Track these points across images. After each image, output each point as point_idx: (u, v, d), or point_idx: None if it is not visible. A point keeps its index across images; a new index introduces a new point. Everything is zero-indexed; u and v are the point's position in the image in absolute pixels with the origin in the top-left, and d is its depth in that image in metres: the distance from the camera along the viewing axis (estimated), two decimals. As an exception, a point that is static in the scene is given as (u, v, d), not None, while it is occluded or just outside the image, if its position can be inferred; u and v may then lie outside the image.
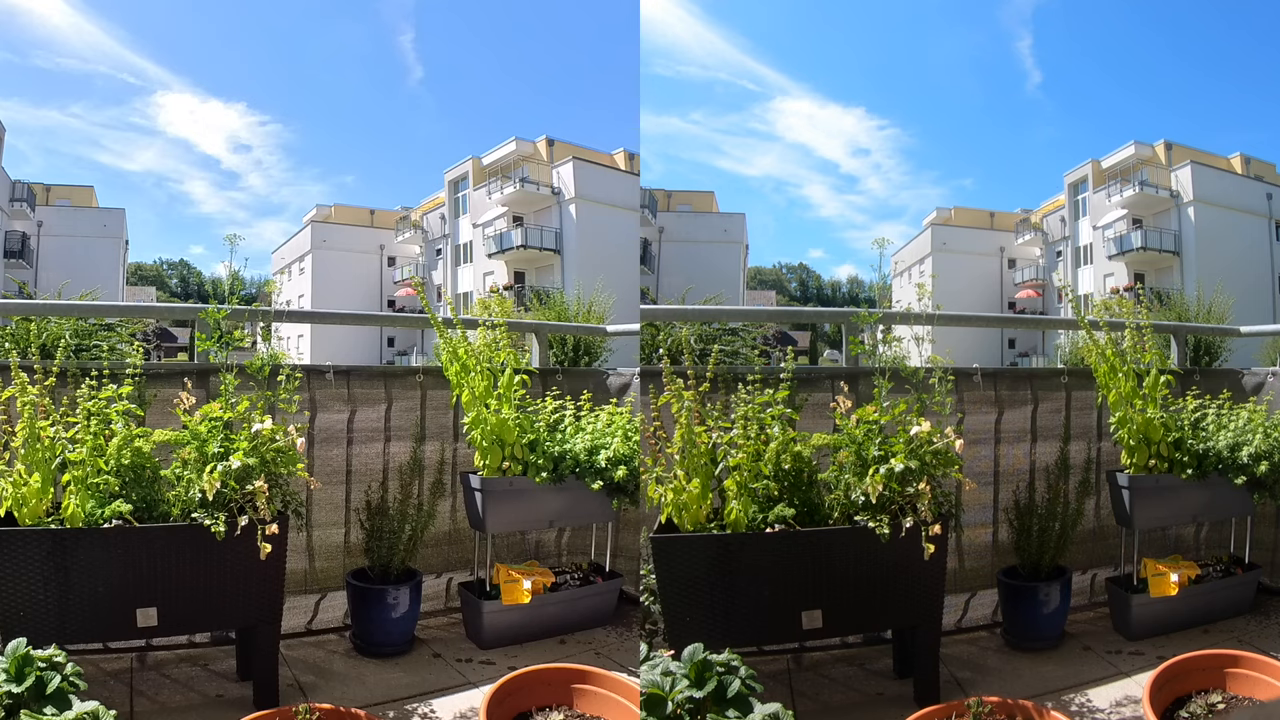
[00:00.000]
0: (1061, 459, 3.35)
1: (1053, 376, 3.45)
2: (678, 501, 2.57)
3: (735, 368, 3.01)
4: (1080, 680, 2.78)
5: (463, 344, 3.16)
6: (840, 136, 64.48)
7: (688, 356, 4.15)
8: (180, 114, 58.96)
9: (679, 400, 2.66)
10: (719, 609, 2.45)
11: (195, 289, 43.10)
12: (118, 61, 59.16)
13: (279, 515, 2.48)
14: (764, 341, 10.23)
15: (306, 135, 60.79)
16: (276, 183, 61.67)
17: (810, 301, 49.30)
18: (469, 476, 3.18)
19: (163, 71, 60.05)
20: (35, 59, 47.74)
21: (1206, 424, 3.19)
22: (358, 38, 24.87)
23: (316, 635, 3.14)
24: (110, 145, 57.62)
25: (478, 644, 3.10)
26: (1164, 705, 2.32)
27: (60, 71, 50.63)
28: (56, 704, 1.86)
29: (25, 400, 2.43)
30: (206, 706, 2.56)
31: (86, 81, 52.80)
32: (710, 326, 8.75)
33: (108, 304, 9.24)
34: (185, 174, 60.26)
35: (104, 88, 52.82)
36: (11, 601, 2.25)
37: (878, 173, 66.97)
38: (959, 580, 3.24)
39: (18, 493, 2.36)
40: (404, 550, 3.15)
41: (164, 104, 53.70)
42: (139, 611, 2.37)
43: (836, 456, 2.65)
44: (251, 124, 61.94)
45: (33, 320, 7.10)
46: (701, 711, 1.90)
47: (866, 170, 66.28)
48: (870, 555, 2.48)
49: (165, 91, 59.57)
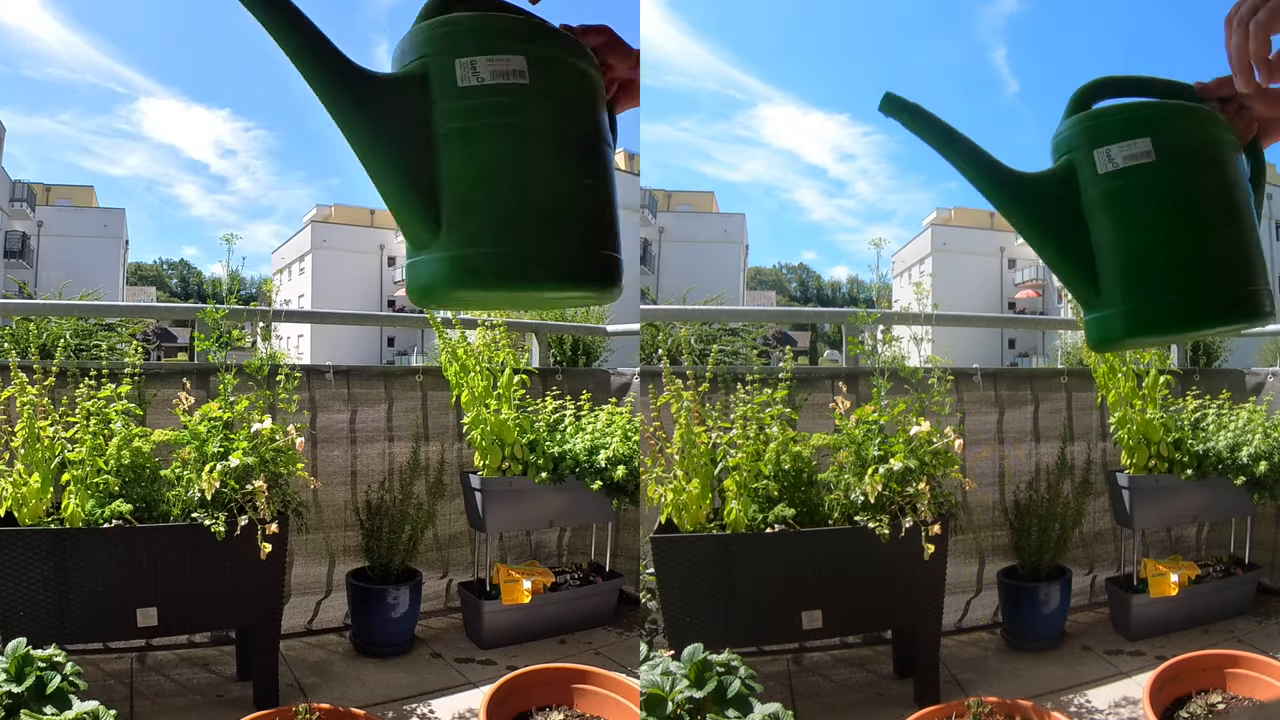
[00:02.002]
0: (1061, 459, 3.35)
1: (1053, 377, 3.45)
2: (677, 502, 2.57)
3: (735, 368, 3.01)
4: (1080, 680, 2.78)
5: (462, 344, 3.16)
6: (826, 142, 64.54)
7: (687, 356, 4.15)
8: (165, 120, 59.01)
9: (678, 400, 2.66)
10: (719, 609, 2.45)
11: (195, 289, 43.13)
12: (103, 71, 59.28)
13: (279, 515, 2.48)
14: (764, 341, 10.24)
15: (291, 140, 60.83)
16: (264, 186, 61.75)
17: (810, 302, 49.33)
18: (469, 476, 3.19)
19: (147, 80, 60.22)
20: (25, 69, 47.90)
21: (1206, 424, 3.19)
22: (341, 44, 24.77)
23: (316, 635, 3.14)
24: (100, 151, 57.73)
25: (478, 644, 3.10)
26: (1164, 705, 2.32)
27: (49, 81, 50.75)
28: (56, 704, 1.86)
29: (25, 400, 2.44)
30: (206, 706, 2.56)
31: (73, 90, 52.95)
32: (710, 326, 8.76)
33: (108, 304, 9.24)
34: (175, 178, 60.40)
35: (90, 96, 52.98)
36: (11, 601, 2.25)
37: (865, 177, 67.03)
38: (959, 580, 3.24)
39: (17, 493, 2.36)
40: (404, 550, 3.15)
41: (148, 110, 53.85)
42: (139, 611, 2.37)
43: (836, 456, 2.65)
44: (236, 129, 61.99)
45: (32, 320, 7.11)
46: (701, 711, 1.90)
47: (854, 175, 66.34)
48: (870, 555, 2.48)
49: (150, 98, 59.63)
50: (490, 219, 0.82)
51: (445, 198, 0.83)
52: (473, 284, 0.84)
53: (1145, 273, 0.92)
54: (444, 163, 0.83)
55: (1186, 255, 0.91)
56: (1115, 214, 0.93)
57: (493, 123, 0.83)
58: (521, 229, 0.83)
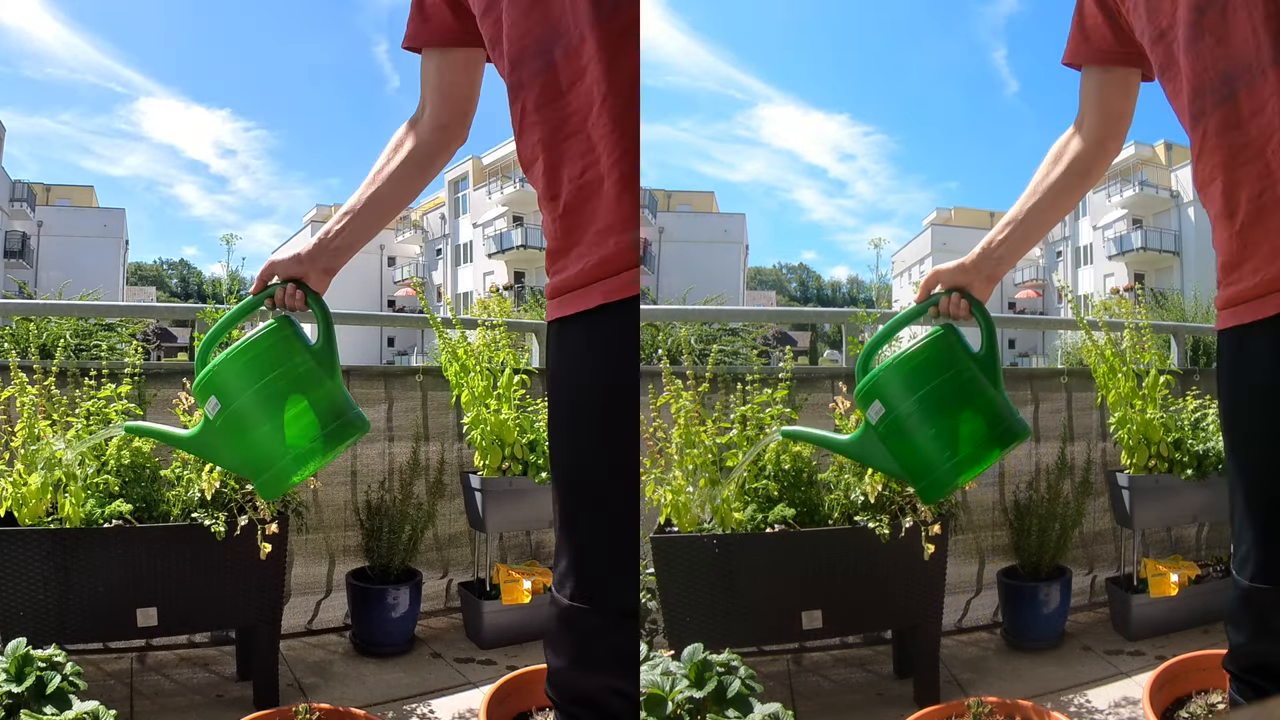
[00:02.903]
0: (1061, 459, 3.35)
1: (1052, 377, 3.45)
2: (676, 502, 2.57)
3: (735, 368, 3.01)
4: (1080, 680, 2.78)
5: (461, 344, 3.16)
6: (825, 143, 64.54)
7: (687, 356, 4.15)
8: (165, 120, 58.99)
9: (678, 400, 2.66)
10: (719, 609, 2.46)
11: (195, 289, 43.15)
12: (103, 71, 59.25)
13: (279, 515, 2.48)
14: (764, 342, 10.24)
15: (291, 140, 60.81)
16: (264, 186, 61.76)
17: (810, 301, 49.31)
18: (469, 476, 3.19)
19: (147, 80, 60.19)
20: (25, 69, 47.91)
21: (1206, 424, 3.19)
22: (334, 49, 24.51)
23: (316, 635, 3.14)
24: (100, 151, 57.78)
25: (478, 644, 3.10)
26: (1164, 705, 2.32)
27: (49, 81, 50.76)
28: (56, 704, 1.86)
29: (25, 400, 2.44)
30: (206, 706, 2.56)
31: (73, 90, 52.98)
32: (710, 326, 8.77)
33: (108, 304, 9.24)
34: (175, 178, 60.41)
35: (90, 96, 52.98)
36: (11, 601, 2.25)
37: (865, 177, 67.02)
38: (959, 580, 3.24)
39: (17, 493, 2.36)
40: (404, 550, 3.15)
41: (148, 110, 53.84)
42: (139, 611, 2.37)
43: (836, 457, 2.65)
44: (236, 130, 61.99)
45: (32, 320, 7.10)
46: (701, 712, 1.90)
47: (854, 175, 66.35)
48: (870, 555, 2.48)
49: (150, 98, 59.63)
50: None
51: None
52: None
53: (927, 457, 1.54)
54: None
55: (939, 437, 1.54)
56: (890, 440, 1.55)
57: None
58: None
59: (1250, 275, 1.38)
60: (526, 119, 1.39)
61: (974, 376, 1.53)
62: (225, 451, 1.53)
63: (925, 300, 1.63)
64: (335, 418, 1.51)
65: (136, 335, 8.29)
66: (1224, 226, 1.42)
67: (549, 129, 1.35)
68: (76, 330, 7.85)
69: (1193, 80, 1.42)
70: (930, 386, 1.51)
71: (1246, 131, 1.36)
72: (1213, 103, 1.40)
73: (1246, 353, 1.42)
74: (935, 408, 1.51)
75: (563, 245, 1.37)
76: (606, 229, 1.32)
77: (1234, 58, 1.36)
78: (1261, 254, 1.36)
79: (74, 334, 7.72)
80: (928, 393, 1.50)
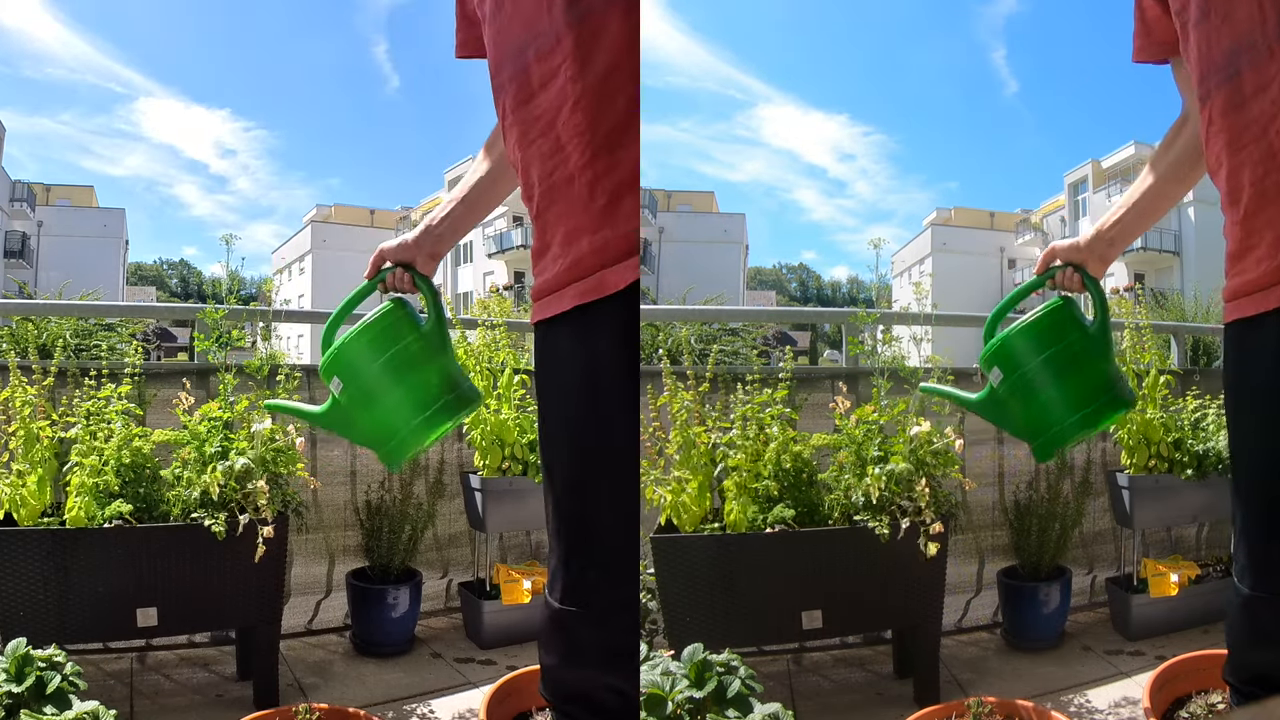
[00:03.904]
0: (1061, 459, 3.34)
1: (1053, 376, 3.44)
2: (676, 502, 2.57)
3: (735, 368, 3.00)
4: (1080, 680, 2.78)
5: (462, 344, 3.16)
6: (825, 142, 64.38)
7: (687, 357, 4.15)
8: (165, 120, 58.97)
9: (678, 400, 2.66)
10: (719, 609, 2.45)
11: (195, 289, 43.10)
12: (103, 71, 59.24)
13: (279, 515, 2.48)
14: (764, 342, 10.23)
15: (291, 140, 60.80)
16: (264, 186, 61.73)
17: (810, 301, 49.30)
18: (469, 476, 3.19)
19: (147, 80, 60.17)
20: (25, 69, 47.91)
21: (1206, 424, 3.19)
22: (334, 49, 24.58)
23: (316, 635, 3.14)
24: (100, 151, 57.77)
25: (478, 644, 3.10)
26: (1164, 705, 2.31)
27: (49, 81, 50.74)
28: (56, 704, 1.86)
29: (24, 400, 2.44)
30: (206, 706, 2.56)
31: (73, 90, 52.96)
32: (710, 326, 8.76)
33: (108, 304, 9.24)
34: (175, 178, 60.41)
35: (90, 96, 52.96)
36: (11, 601, 2.25)
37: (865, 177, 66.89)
38: (959, 580, 3.24)
39: (16, 493, 2.36)
40: (404, 550, 3.15)
41: (148, 110, 53.82)
42: (139, 611, 2.37)
43: (836, 457, 2.65)
44: (236, 130, 61.97)
45: (32, 320, 7.10)
46: (701, 712, 1.90)
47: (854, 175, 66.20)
48: (870, 555, 2.48)
49: (150, 98, 59.61)
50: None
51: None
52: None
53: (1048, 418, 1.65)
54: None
55: (1053, 400, 1.63)
56: (1011, 401, 1.68)
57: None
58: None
59: (1254, 266, 1.33)
60: (506, 120, 1.40)
61: (1086, 346, 1.61)
62: (354, 424, 1.61)
63: (1044, 273, 1.72)
64: (450, 390, 1.58)
65: (136, 335, 8.29)
66: (1230, 214, 1.36)
67: (521, 130, 1.36)
68: (76, 330, 7.85)
69: (1200, 60, 1.37)
70: (1048, 354, 1.61)
71: (1249, 111, 1.30)
72: (1217, 82, 1.34)
73: (1248, 351, 1.36)
74: (1052, 373, 1.61)
75: (538, 246, 1.38)
76: (577, 230, 1.31)
77: (1239, 34, 1.30)
78: (1266, 242, 1.31)
79: (74, 334, 7.72)
80: (1045, 360, 1.61)
